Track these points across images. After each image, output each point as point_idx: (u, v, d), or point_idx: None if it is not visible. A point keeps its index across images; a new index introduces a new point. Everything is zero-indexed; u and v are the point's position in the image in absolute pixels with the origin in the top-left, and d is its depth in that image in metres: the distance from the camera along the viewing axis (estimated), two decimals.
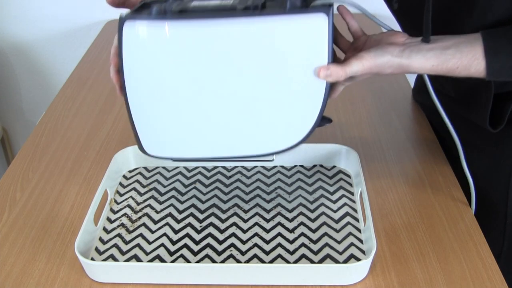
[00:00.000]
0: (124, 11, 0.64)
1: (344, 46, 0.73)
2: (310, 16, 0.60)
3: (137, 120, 0.67)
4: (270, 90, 0.64)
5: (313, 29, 0.61)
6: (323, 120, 0.68)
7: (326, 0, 0.62)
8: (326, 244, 0.73)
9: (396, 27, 0.84)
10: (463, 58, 0.62)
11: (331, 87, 0.66)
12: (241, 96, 0.64)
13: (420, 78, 1.04)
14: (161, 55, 0.62)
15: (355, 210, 0.79)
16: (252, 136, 0.67)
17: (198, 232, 0.75)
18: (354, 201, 0.80)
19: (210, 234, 0.75)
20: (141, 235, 0.75)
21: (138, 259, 0.71)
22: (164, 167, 0.89)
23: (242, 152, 0.69)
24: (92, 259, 0.72)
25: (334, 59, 0.69)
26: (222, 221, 0.77)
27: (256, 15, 0.60)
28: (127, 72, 0.64)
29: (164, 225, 0.77)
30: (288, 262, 0.70)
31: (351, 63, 0.63)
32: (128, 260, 0.71)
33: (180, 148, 0.69)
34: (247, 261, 0.70)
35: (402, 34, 0.67)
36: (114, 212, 0.80)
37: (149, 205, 0.81)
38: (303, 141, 0.68)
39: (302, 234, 0.74)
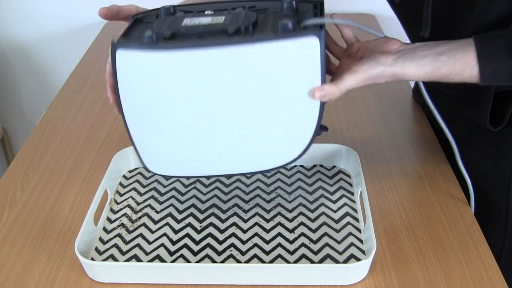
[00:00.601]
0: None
1: (337, 53, 0.73)
2: (302, 40, 0.59)
3: (136, 139, 0.68)
4: (265, 112, 0.64)
5: (306, 53, 0.60)
6: (320, 129, 0.68)
7: (317, 20, 0.62)
8: (326, 244, 0.73)
9: (396, 27, 0.84)
10: (456, 64, 0.62)
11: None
12: (236, 118, 0.64)
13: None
14: (154, 81, 0.62)
15: (355, 210, 0.79)
16: (249, 155, 0.68)
17: (198, 232, 0.75)
18: (354, 201, 0.80)
19: (210, 234, 0.75)
20: (141, 235, 0.75)
21: (138, 259, 0.71)
22: None
23: (241, 170, 0.70)
24: (92, 259, 0.72)
25: (328, 66, 0.69)
26: (222, 221, 0.77)
27: (248, 41, 0.59)
28: (122, 95, 0.64)
29: (164, 225, 0.77)
30: (288, 262, 0.70)
31: (345, 78, 0.63)
32: (128, 260, 0.71)
33: (180, 167, 0.70)
34: (247, 261, 0.70)
35: (396, 41, 0.67)
36: (114, 212, 0.80)
37: (149, 205, 0.81)
38: (302, 154, 0.68)
39: (302, 234, 0.74)
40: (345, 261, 0.70)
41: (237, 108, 0.64)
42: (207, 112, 0.64)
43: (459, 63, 0.62)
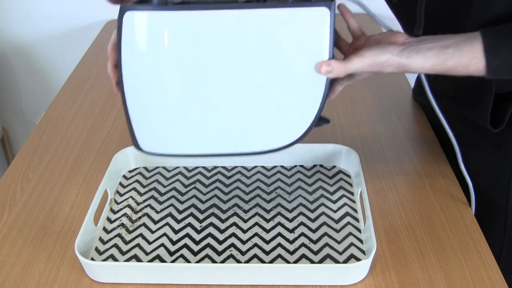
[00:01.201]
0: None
1: (343, 47, 0.73)
2: (312, 9, 0.60)
3: (133, 115, 0.66)
4: (269, 83, 0.64)
5: (315, 22, 0.61)
6: (320, 120, 0.68)
7: None
8: (326, 244, 0.73)
9: (396, 26, 0.84)
10: (462, 56, 0.62)
11: (330, 86, 0.67)
12: (240, 90, 0.64)
13: (420, 79, 1.04)
14: (160, 46, 0.62)
15: (355, 210, 0.79)
16: (249, 132, 0.66)
17: (198, 232, 0.75)
18: (354, 201, 0.80)
19: (210, 234, 0.75)
20: (141, 235, 0.75)
21: (138, 259, 0.71)
22: (164, 167, 0.89)
23: (238, 149, 0.68)
24: (92, 259, 0.72)
25: (338, 41, 0.70)
26: (222, 221, 0.77)
27: (258, 6, 0.60)
28: (125, 65, 0.64)
29: (164, 225, 0.77)
30: (288, 262, 0.70)
31: (352, 59, 0.63)
32: (128, 260, 0.71)
33: (176, 144, 0.68)
34: (247, 261, 0.70)
35: (402, 34, 0.67)
36: (114, 212, 0.80)
37: (149, 205, 0.81)
38: (302, 138, 0.67)
39: (302, 234, 0.74)
40: (345, 261, 0.70)
41: (242, 78, 0.63)
42: (211, 81, 0.63)
43: (465, 56, 0.62)
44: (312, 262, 0.70)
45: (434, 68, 0.63)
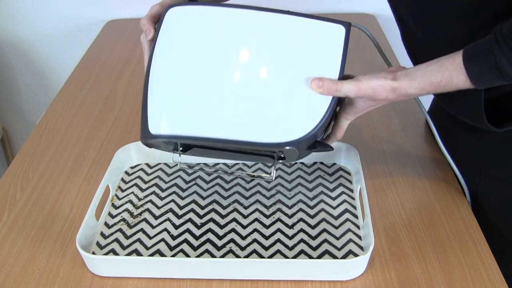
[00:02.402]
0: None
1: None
2: (332, 25, 0.70)
3: (153, 95, 0.71)
4: (282, 82, 0.69)
5: (332, 36, 0.70)
6: (323, 146, 0.73)
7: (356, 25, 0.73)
8: (325, 240, 0.73)
9: (396, 26, 0.84)
10: (444, 71, 0.65)
11: (336, 121, 0.74)
12: (254, 82, 0.69)
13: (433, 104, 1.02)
14: (194, 33, 0.72)
15: (354, 207, 0.79)
16: (257, 121, 0.69)
17: (198, 227, 0.76)
18: (353, 198, 0.81)
19: (210, 230, 0.75)
20: (142, 230, 0.76)
21: (139, 254, 0.72)
22: (165, 164, 0.90)
23: (244, 137, 0.69)
24: (94, 253, 0.72)
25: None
26: (222, 216, 0.78)
27: (286, 13, 0.71)
28: (158, 47, 0.72)
29: (165, 220, 0.77)
30: (287, 257, 0.71)
31: (345, 81, 0.67)
32: (129, 254, 0.72)
33: (187, 124, 0.70)
34: (246, 256, 0.71)
35: (398, 65, 0.71)
36: (116, 207, 0.80)
37: (150, 201, 0.81)
38: (300, 154, 0.71)
39: (301, 230, 0.75)
40: (344, 257, 0.71)
41: (259, 72, 0.69)
42: (232, 70, 0.70)
43: (447, 70, 0.64)
44: (310, 257, 0.71)
45: (421, 87, 0.66)
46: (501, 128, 0.72)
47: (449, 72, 0.64)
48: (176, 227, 0.76)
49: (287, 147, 0.68)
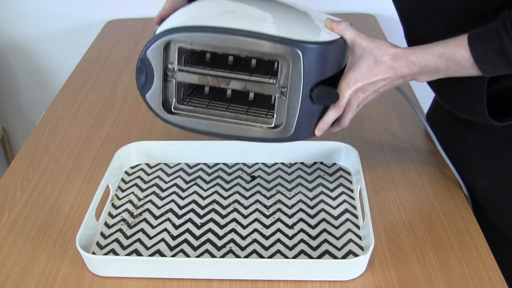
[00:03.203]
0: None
1: None
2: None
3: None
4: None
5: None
6: (328, 93, 0.70)
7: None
8: (325, 240, 0.73)
9: (396, 26, 0.84)
10: (446, 44, 0.65)
11: (338, 89, 0.71)
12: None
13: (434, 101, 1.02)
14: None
15: (354, 207, 0.79)
16: (273, 18, 0.70)
17: (198, 227, 0.76)
18: (353, 198, 0.81)
19: (210, 230, 0.75)
20: (142, 230, 0.76)
21: (139, 254, 0.72)
22: (165, 164, 0.90)
23: (256, 27, 0.68)
24: (93, 253, 0.72)
25: None
26: (222, 216, 0.78)
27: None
28: None
29: (165, 220, 0.77)
30: (287, 257, 0.71)
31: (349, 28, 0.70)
32: (129, 254, 0.72)
33: (201, 17, 0.71)
34: (246, 256, 0.71)
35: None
36: (116, 208, 0.80)
37: (151, 201, 0.81)
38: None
39: (301, 230, 0.75)
40: (344, 257, 0.71)
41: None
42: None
43: (450, 44, 0.65)
44: (310, 257, 0.71)
45: (423, 56, 0.66)
46: (503, 123, 0.72)
47: (452, 46, 0.65)
48: (176, 227, 0.76)
49: (296, 49, 0.65)
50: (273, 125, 0.71)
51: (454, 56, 0.64)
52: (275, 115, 0.70)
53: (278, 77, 0.69)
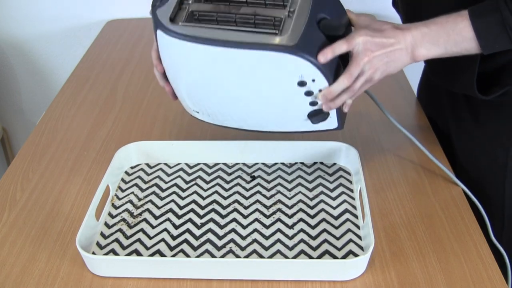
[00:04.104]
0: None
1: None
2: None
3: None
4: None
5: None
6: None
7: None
8: (325, 240, 0.73)
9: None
10: (449, 16, 0.68)
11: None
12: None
13: (423, 76, 1.07)
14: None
15: (354, 207, 0.79)
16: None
17: (199, 227, 0.76)
18: (353, 198, 0.81)
19: (210, 230, 0.75)
20: (142, 230, 0.76)
21: (139, 254, 0.72)
22: (166, 164, 0.90)
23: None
24: (94, 253, 0.72)
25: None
26: (222, 217, 0.78)
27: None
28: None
29: (165, 220, 0.77)
30: (287, 257, 0.71)
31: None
32: (129, 254, 0.72)
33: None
34: (247, 256, 0.71)
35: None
36: (116, 208, 0.80)
37: (151, 201, 0.81)
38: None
39: (302, 230, 0.75)
40: (344, 257, 0.71)
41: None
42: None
43: (452, 17, 0.68)
44: (310, 257, 0.71)
45: (425, 24, 0.68)
46: (489, 96, 0.76)
47: (454, 17, 0.67)
48: (176, 227, 0.76)
49: None
50: (281, 24, 0.69)
51: (456, 26, 0.67)
52: (281, 27, 0.69)
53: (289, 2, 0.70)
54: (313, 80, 0.69)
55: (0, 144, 1.74)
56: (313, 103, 0.72)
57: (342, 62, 0.71)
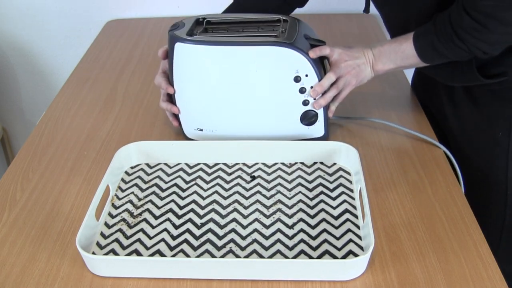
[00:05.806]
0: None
1: None
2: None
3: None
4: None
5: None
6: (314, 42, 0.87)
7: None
8: (325, 240, 0.73)
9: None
10: (397, 39, 0.85)
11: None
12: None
13: (416, 74, 1.12)
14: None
15: (354, 207, 0.79)
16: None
17: (199, 227, 0.76)
18: (353, 198, 0.81)
19: (210, 230, 0.75)
20: (142, 230, 0.76)
21: (139, 254, 0.72)
22: (166, 164, 0.90)
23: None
24: (94, 253, 0.72)
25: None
26: (222, 216, 0.78)
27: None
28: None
29: (165, 220, 0.77)
30: (287, 257, 0.71)
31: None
32: (129, 254, 0.72)
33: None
34: (247, 256, 0.71)
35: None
36: (116, 208, 0.80)
37: (151, 201, 0.81)
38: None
39: (301, 230, 0.75)
40: (344, 257, 0.71)
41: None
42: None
43: (400, 38, 0.85)
44: (310, 257, 0.71)
45: (389, 44, 0.85)
46: (491, 80, 0.84)
47: (402, 39, 0.84)
48: (176, 227, 0.76)
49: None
50: (278, 33, 0.88)
51: (401, 46, 0.84)
52: (278, 34, 0.88)
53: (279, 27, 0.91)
54: (306, 75, 0.85)
55: (0, 144, 1.74)
56: (305, 103, 0.87)
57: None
